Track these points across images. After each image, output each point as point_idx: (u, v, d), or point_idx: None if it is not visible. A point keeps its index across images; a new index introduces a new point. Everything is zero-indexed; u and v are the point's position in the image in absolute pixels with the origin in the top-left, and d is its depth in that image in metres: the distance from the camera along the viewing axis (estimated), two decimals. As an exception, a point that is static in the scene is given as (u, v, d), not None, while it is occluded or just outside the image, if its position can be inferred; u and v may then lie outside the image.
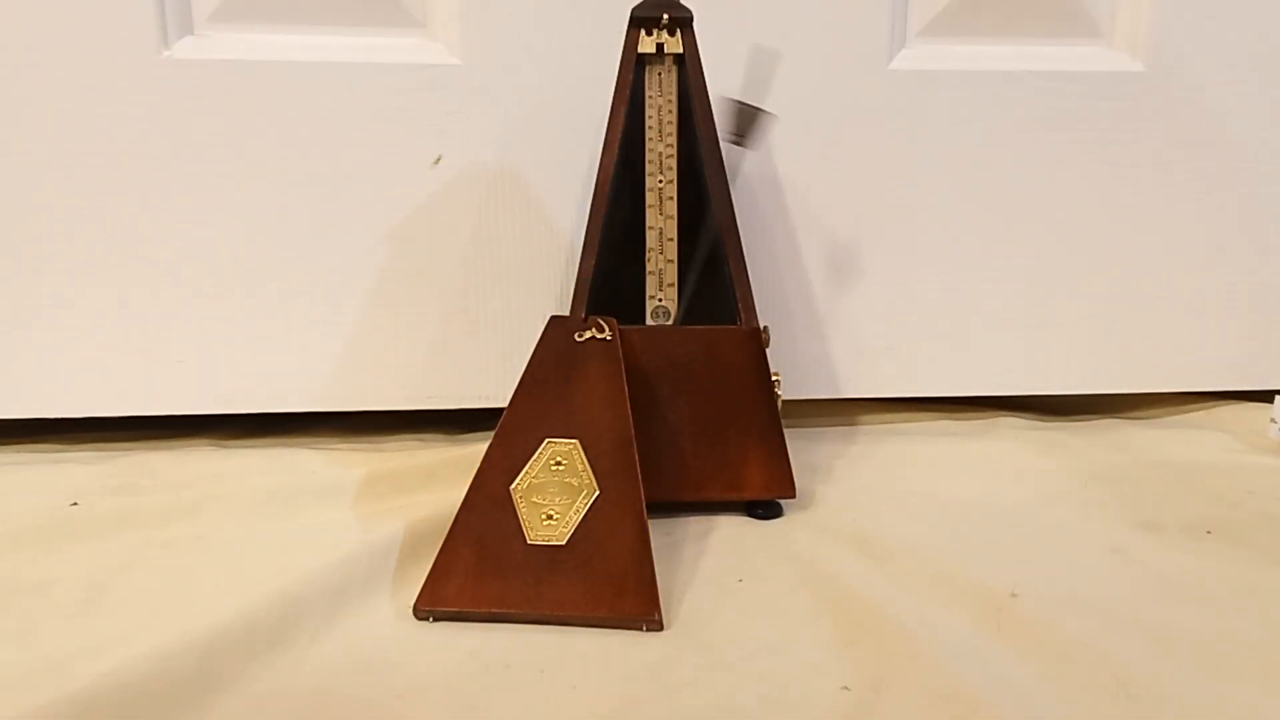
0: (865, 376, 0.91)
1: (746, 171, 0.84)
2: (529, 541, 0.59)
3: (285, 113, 0.81)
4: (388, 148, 0.82)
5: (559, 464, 0.62)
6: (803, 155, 0.86)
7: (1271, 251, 0.91)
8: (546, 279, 0.85)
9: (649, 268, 0.73)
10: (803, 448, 0.84)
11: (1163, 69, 0.87)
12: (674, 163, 0.72)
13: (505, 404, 0.65)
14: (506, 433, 0.64)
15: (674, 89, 0.72)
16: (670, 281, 0.73)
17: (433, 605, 0.57)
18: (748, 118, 0.67)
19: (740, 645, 0.55)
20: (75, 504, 0.72)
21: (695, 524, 0.70)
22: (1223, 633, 0.55)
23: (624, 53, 0.71)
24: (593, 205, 0.72)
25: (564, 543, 0.59)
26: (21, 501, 0.73)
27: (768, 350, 0.71)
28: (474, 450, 0.77)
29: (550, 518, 0.60)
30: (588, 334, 0.67)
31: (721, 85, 0.82)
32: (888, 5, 0.84)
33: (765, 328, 0.72)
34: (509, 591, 0.58)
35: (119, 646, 0.53)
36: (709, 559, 0.65)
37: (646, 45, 0.71)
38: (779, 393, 0.72)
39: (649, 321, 0.74)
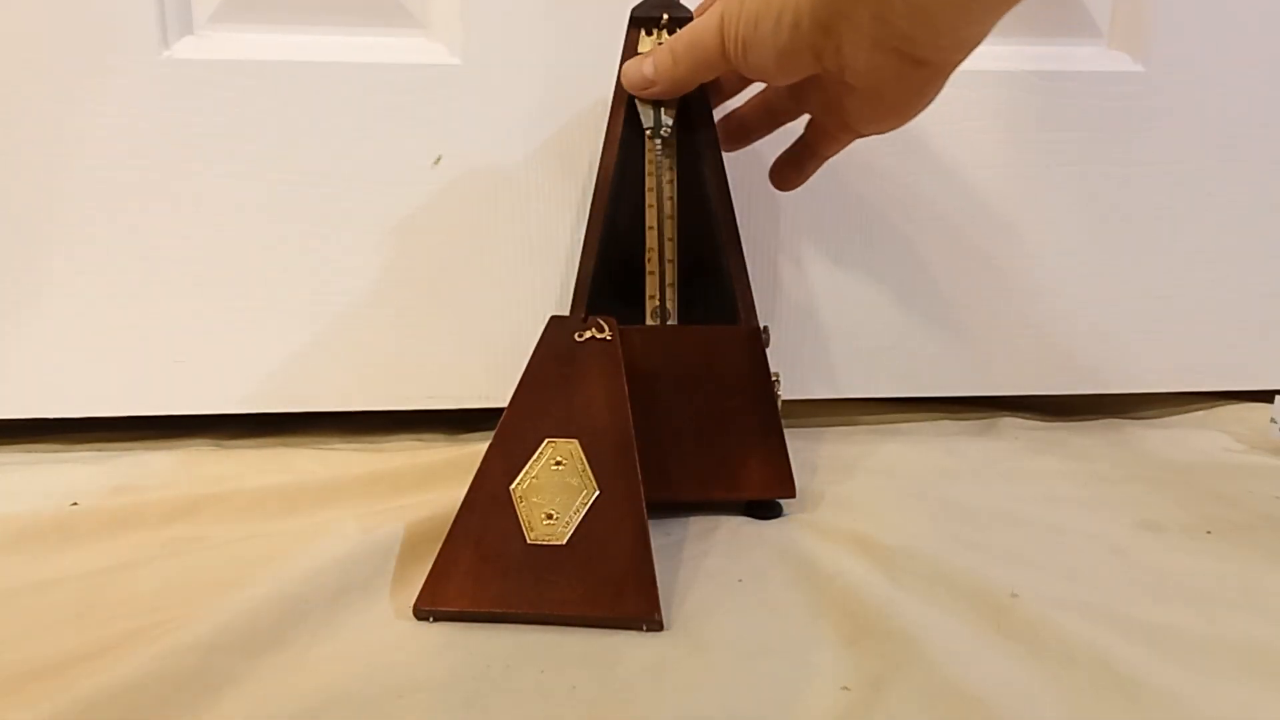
0: (865, 376, 0.91)
1: (747, 171, 0.84)
2: (529, 541, 0.59)
3: (285, 113, 0.80)
4: (387, 148, 0.82)
5: (559, 464, 0.62)
6: (803, 155, 0.86)
7: (1272, 251, 0.91)
8: (546, 279, 0.85)
9: (649, 268, 0.73)
10: (803, 448, 0.84)
11: (1163, 69, 0.87)
12: (674, 163, 0.72)
13: (505, 404, 0.65)
14: (506, 433, 0.64)
15: (674, 89, 0.72)
16: (670, 281, 0.73)
17: (433, 605, 0.57)
18: None
19: (740, 645, 0.55)
20: (75, 504, 0.72)
21: (695, 524, 0.70)
22: (1223, 633, 0.55)
23: (624, 53, 0.71)
24: (593, 205, 0.72)
25: (564, 543, 0.59)
26: (21, 501, 0.73)
27: (768, 350, 0.72)
28: (474, 450, 0.77)
29: (550, 517, 0.60)
30: (588, 334, 0.67)
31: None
32: (888, 5, 0.84)
33: (765, 328, 0.72)
34: (509, 591, 0.58)
35: (119, 647, 0.53)
36: (709, 559, 0.65)
37: (646, 45, 0.71)
38: (779, 393, 0.72)
39: (649, 321, 0.74)
